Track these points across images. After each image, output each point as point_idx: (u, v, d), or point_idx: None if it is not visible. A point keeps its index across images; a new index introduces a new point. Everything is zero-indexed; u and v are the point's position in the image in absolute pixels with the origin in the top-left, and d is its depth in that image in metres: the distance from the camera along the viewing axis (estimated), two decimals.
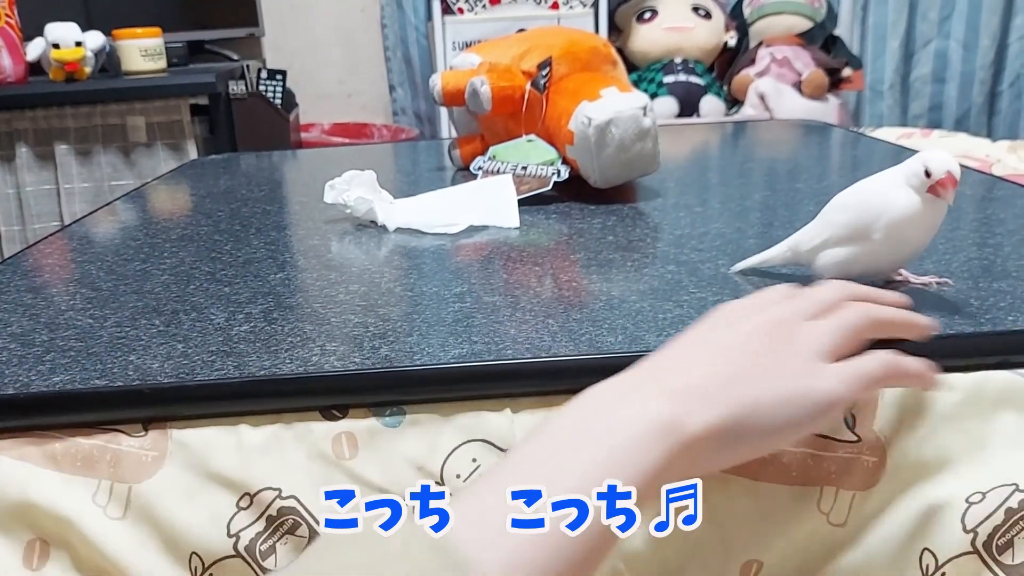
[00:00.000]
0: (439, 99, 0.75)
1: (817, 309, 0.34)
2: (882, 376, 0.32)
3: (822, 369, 0.31)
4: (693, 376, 0.30)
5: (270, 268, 0.54)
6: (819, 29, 1.80)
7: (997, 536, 0.35)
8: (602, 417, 0.28)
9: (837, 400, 0.31)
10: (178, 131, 1.47)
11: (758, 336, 0.32)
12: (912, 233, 0.40)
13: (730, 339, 0.32)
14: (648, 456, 0.27)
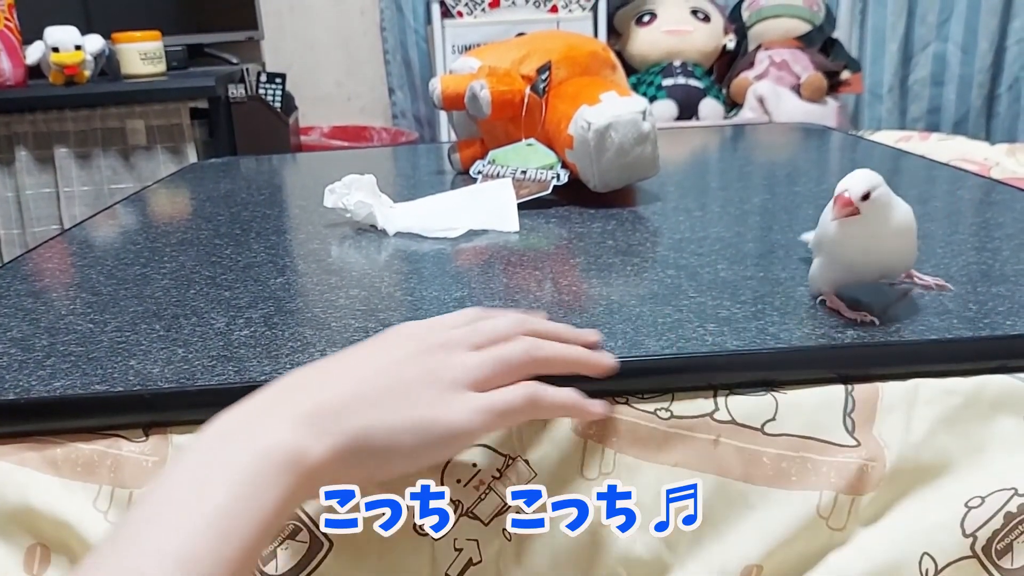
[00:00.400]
0: (439, 103, 0.75)
1: (484, 340, 0.34)
2: (522, 407, 0.33)
3: (455, 400, 0.32)
4: (322, 398, 0.30)
5: (270, 272, 0.54)
6: (818, 32, 1.80)
7: (996, 540, 0.35)
8: (227, 452, 0.28)
9: (461, 432, 0.32)
10: (178, 134, 1.47)
11: (408, 362, 0.32)
12: (840, 251, 0.41)
13: (379, 361, 0.32)
14: (272, 492, 0.27)
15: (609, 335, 0.41)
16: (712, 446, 0.36)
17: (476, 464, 0.36)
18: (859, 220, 0.38)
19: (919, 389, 0.37)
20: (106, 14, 1.73)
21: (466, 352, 0.33)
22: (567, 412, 0.35)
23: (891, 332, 0.40)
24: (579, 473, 0.36)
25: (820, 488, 0.36)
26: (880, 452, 0.36)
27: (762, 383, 0.37)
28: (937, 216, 0.62)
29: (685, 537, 0.36)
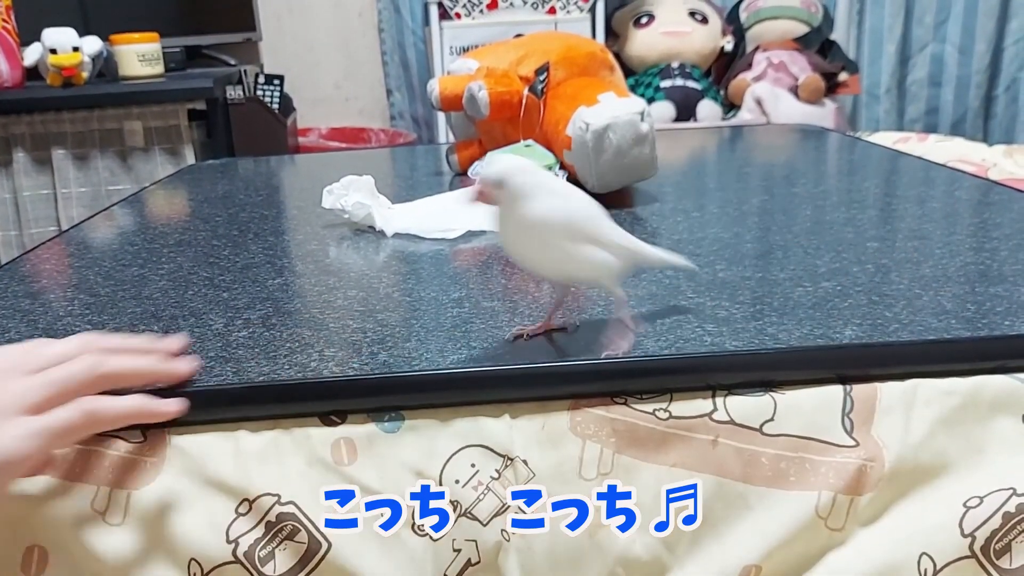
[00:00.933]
0: (437, 104, 0.75)
1: (44, 363, 0.33)
2: (80, 423, 0.33)
3: (4, 428, 0.31)
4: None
5: (268, 273, 0.54)
6: (815, 34, 1.80)
7: (995, 540, 0.35)
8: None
9: (11, 460, 0.31)
10: (175, 136, 1.47)
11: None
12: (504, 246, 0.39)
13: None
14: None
15: (608, 336, 0.41)
16: (711, 446, 0.36)
17: (475, 465, 0.36)
18: (499, 211, 0.37)
19: (918, 389, 0.37)
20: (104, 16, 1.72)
21: (20, 377, 0.33)
22: (135, 418, 0.35)
23: (890, 333, 0.40)
24: (578, 474, 0.36)
25: (819, 488, 0.36)
26: (879, 452, 0.36)
27: (761, 383, 0.37)
28: (935, 217, 0.62)
29: (684, 538, 0.36)
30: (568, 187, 0.40)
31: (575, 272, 0.40)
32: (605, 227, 0.39)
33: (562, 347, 0.40)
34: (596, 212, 0.40)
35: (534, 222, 0.37)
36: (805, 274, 0.49)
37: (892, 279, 0.47)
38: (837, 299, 0.44)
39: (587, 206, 0.39)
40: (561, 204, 0.38)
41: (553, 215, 0.37)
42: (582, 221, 0.38)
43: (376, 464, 0.36)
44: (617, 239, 0.40)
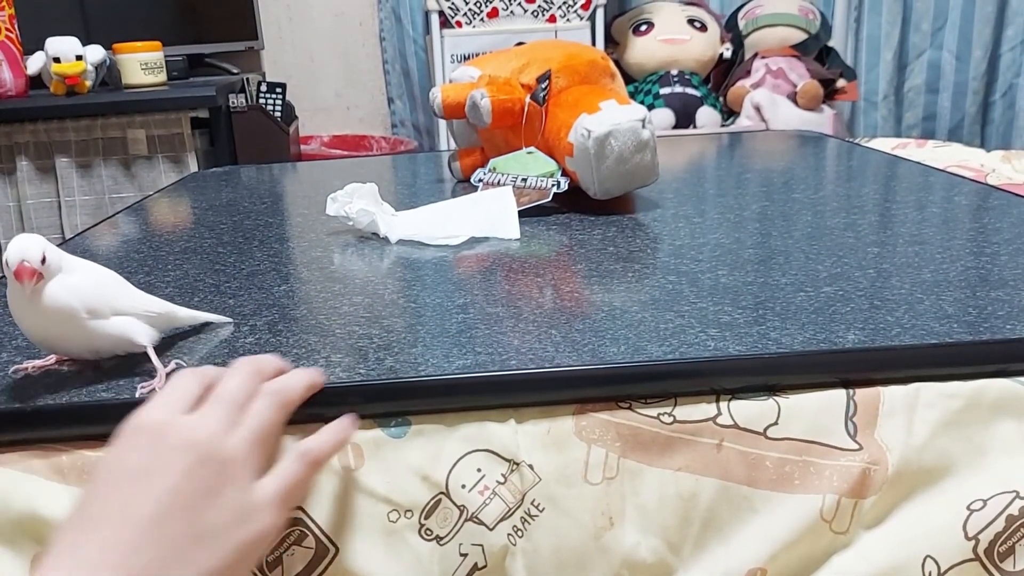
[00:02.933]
0: (439, 112, 0.76)
1: (234, 408, 0.32)
2: (309, 474, 0.33)
3: (253, 507, 0.30)
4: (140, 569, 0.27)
5: (274, 280, 0.54)
6: (813, 41, 1.81)
7: (998, 543, 0.35)
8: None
9: (269, 535, 0.31)
10: (179, 144, 1.47)
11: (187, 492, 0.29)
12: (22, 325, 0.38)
13: (154, 507, 0.28)
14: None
15: (612, 341, 0.41)
16: (715, 450, 0.36)
17: (481, 469, 0.37)
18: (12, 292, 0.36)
19: (920, 393, 0.37)
20: (107, 24, 1.74)
21: (230, 439, 0.31)
22: (340, 447, 0.35)
23: (892, 337, 0.40)
24: (583, 477, 0.37)
25: (823, 491, 0.36)
26: (882, 455, 0.37)
27: (764, 387, 0.38)
28: (935, 222, 0.62)
29: (689, 541, 0.36)
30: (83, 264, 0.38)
31: (108, 347, 0.39)
32: (126, 295, 0.40)
33: (567, 352, 0.40)
34: (114, 282, 0.40)
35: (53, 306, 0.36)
36: (807, 279, 0.49)
37: (893, 284, 0.48)
38: (839, 304, 0.45)
39: (104, 279, 0.39)
40: (77, 283, 0.37)
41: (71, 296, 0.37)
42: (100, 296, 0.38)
43: (383, 469, 0.37)
44: (142, 305, 0.40)
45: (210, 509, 0.30)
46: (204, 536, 0.29)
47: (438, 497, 0.36)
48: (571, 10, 1.76)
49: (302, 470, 0.33)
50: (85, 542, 0.28)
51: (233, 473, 0.31)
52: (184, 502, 0.29)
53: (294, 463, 0.33)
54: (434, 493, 0.36)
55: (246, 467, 0.31)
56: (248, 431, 0.32)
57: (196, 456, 0.30)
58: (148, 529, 0.29)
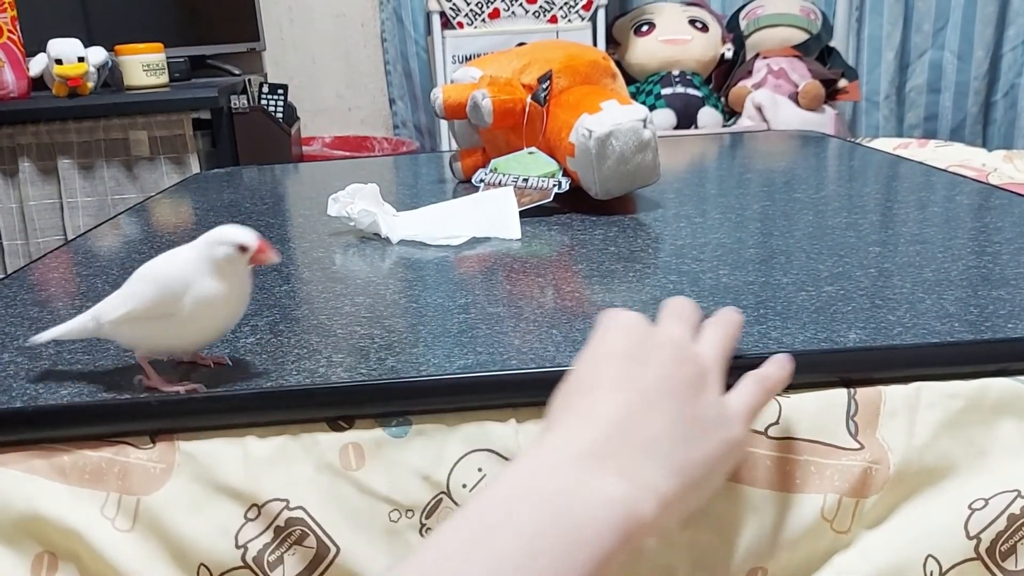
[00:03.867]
0: (441, 112, 0.76)
1: (689, 327, 0.33)
2: (765, 400, 0.33)
3: (728, 415, 0.31)
4: (638, 442, 0.29)
5: (275, 280, 0.54)
6: (815, 41, 1.81)
7: (1000, 542, 0.35)
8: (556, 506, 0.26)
9: (742, 444, 0.31)
10: (180, 145, 1.48)
11: (678, 383, 0.31)
12: (222, 309, 0.39)
13: (654, 383, 0.30)
14: (603, 546, 0.26)
15: None
16: None
17: (482, 469, 0.37)
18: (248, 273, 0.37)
19: (921, 392, 0.37)
20: (109, 26, 1.74)
21: (699, 351, 0.32)
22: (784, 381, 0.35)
23: (893, 336, 0.40)
24: None
25: (824, 491, 0.36)
26: (883, 455, 0.36)
27: None
28: (936, 221, 0.62)
29: (690, 540, 0.36)
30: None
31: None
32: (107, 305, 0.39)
33: (568, 352, 0.40)
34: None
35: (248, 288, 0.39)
36: (808, 279, 0.49)
37: (894, 283, 0.48)
38: (840, 303, 0.45)
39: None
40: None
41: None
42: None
43: (384, 469, 0.37)
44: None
45: (696, 403, 0.30)
46: (694, 423, 0.30)
47: (439, 497, 0.36)
48: (572, 11, 1.76)
49: (761, 394, 0.33)
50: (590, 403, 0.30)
51: (706, 380, 0.32)
52: (673, 388, 0.30)
53: (754, 385, 0.33)
54: (435, 493, 0.36)
55: (715, 377, 0.32)
56: (710, 347, 0.33)
57: (677, 354, 0.32)
58: (652, 399, 0.30)
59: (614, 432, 0.29)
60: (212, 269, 0.38)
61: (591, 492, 0.27)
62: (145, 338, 0.39)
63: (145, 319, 0.38)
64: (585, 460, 0.28)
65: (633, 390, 0.30)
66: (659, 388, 0.30)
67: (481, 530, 0.26)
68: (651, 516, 0.28)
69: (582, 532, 0.26)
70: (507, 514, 0.26)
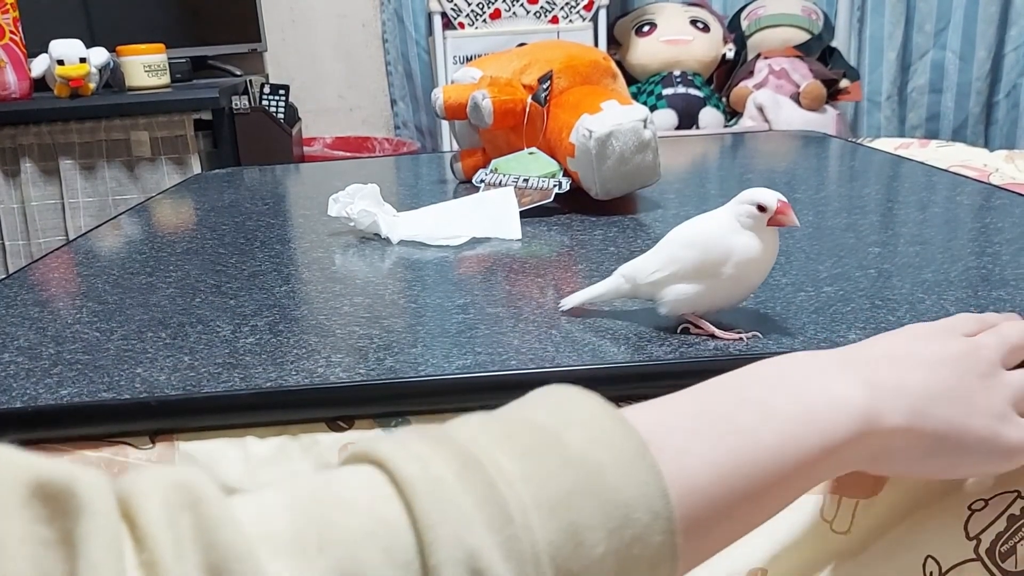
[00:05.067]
0: (441, 113, 0.76)
1: (1008, 354, 0.33)
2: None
3: (1012, 419, 0.31)
4: (900, 375, 0.30)
5: (275, 281, 0.54)
6: (816, 41, 1.81)
7: (1000, 543, 0.35)
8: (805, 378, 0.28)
9: (1015, 453, 0.31)
10: (182, 146, 1.48)
11: (963, 361, 0.31)
12: (758, 269, 0.41)
13: (937, 354, 0.31)
14: (839, 428, 0.27)
15: (612, 341, 0.41)
16: None
17: None
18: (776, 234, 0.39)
19: None
20: (111, 27, 1.74)
21: (1004, 368, 0.32)
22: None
23: None
24: None
25: (824, 492, 0.36)
26: None
27: None
28: (937, 222, 0.62)
29: None
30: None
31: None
32: None
33: (567, 353, 0.40)
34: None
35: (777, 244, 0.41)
36: (807, 279, 0.49)
37: (894, 284, 0.47)
38: (839, 304, 0.45)
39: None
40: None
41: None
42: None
43: None
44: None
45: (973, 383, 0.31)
46: (961, 396, 0.30)
47: None
48: (573, 11, 1.76)
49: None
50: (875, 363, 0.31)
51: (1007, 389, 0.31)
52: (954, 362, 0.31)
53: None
54: None
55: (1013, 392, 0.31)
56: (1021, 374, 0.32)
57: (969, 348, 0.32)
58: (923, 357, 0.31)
59: (872, 353, 0.30)
60: (742, 229, 0.39)
61: (833, 384, 0.28)
62: (686, 298, 0.41)
63: (685, 280, 0.41)
64: (835, 363, 0.29)
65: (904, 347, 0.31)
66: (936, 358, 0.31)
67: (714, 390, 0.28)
68: (888, 425, 0.28)
69: (816, 414, 0.27)
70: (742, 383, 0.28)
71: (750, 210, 0.39)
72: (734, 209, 0.40)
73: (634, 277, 0.42)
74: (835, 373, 0.29)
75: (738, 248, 0.39)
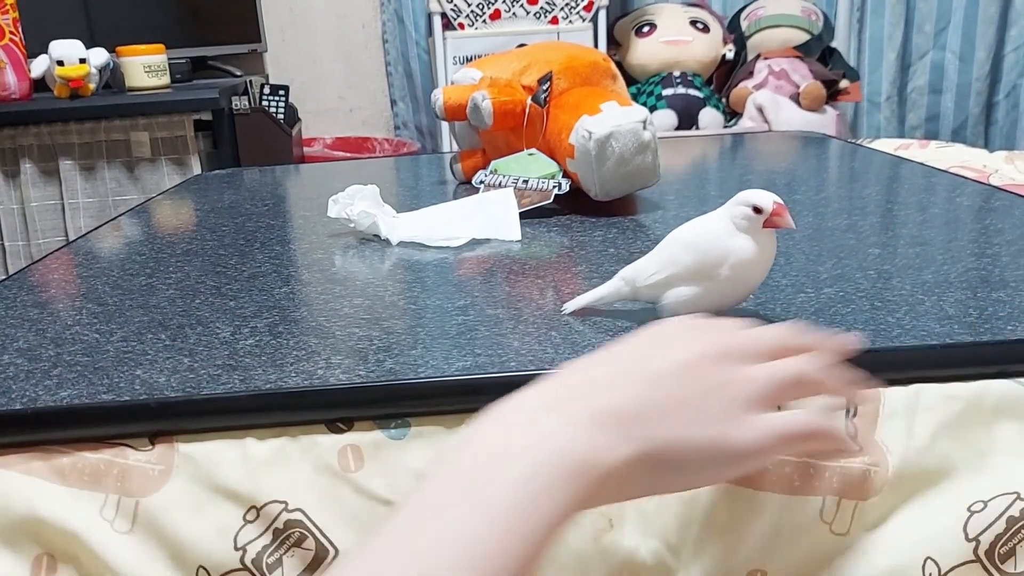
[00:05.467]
0: (441, 114, 0.76)
1: (764, 351, 0.32)
2: (801, 438, 0.31)
3: (744, 420, 0.30)
4: (619, 400, 0.28)
5: (275, 282, 0.54)
6: (816, 42, 1.81)
7: (999, 545, 0.35)
8: (512, 452, 0.26)
9: (750, 454, 0.30)
10: (182, 146, 1.48)
11: (691, 370, 0.30)
12: (755, 270, 0.40)
13: (661, 367, 0.30)
14: (560, 496, 0.26)
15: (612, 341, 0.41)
16: None
17: None
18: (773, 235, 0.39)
19: (921, 394, 0.37)
20: (111, 28, 1.74)
21: (750, 364, 0.31)
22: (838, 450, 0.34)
23: (892, 338, 0.40)
24: None
25: (823, 493, 0.36)
26: (883, 457, 0.36)
27: None
28: (937, 223, 0.62)
29: (689, 543, 0.36)
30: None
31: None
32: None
33: (567, 354, 0.40)
34: None
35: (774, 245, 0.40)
36: (807, 280, 0.49)
37: (894, 285, 0.47)
38: (839, 305, 0.45)
39: None
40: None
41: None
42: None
43: (383, 471, 0.37)
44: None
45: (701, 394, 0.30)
46: (688, 406, 0.29)
47: None
48: (573, 12, 1.76)
49: (798, 429, 0.30)
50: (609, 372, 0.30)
51: (739, 386, 0.30)
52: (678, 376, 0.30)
53: (803, 417, 0.31)
54: None
55: (752, 389, 0.30)
56: (762, 372, 0.31)
57: (716, 350, 0.31)
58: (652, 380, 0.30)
59: (588, 379, 0.30)
60: (738, 231, 0.39)
61: (544, 445, 0.27)
62: (685, 300, 0.41)
63: (684, 282, 0.40)
64: (545, 408, 0.28)
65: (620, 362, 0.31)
66: (657, 371, 0.30)
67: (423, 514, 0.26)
68: (609, 463, 0.27)
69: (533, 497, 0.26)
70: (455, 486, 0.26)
71: (746, 212, 0.39)
72: (730, 211, 0.40)
73: (634, 280, 0.42)
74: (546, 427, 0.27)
75: (735, 250, 0.39)
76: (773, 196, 0.39)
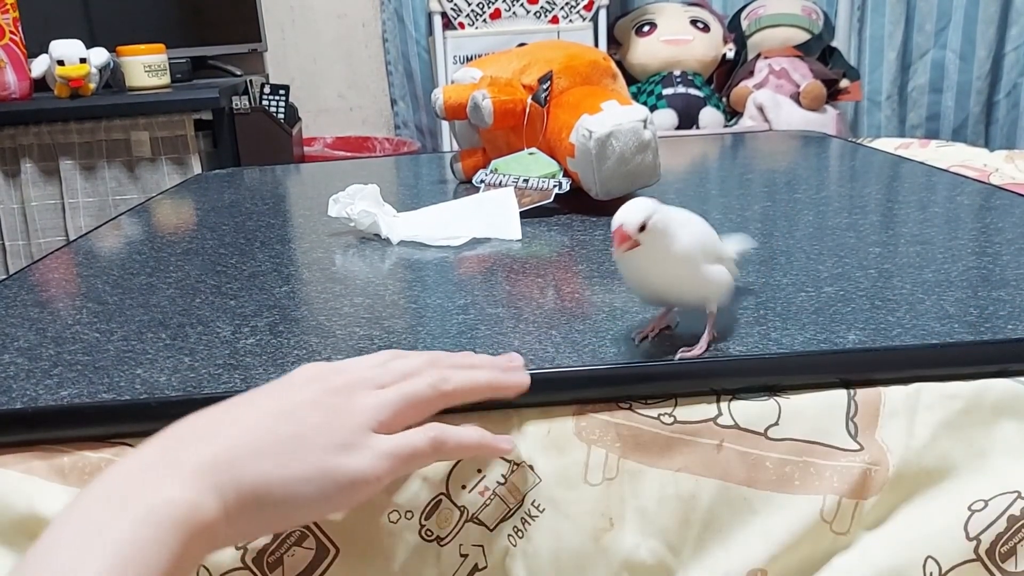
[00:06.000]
0: (441, 113, 0.76)
1: (391, 378, 0.33)
2: (426, 451, 0.32)
3: (358, 445, 0.31)
4: (214, 448, 0.29)
5: (275, 281, 0.54)
6: (816, 41, 1.81)
7: (1000, 543, 0.35)
8: (114, 512, 0.27)
9: (363, 480, 0.30)
10: (182, 146, 1.48)
11: (309, 405, 0.31)
12: (629, 284, 0.41)
13: (279, 406, 0.31)
14: (163, 552, 0.26)
15: (612, 341, 0.41)
16: (715, 451, 0.36)
17: (481, 470, 0.37)
18: (640, 251, 0.38)
19: (921, 393, 0.37)
20: (111, 27, 1.74)
21: (370, 392, 0.32)
22: (474, 452, 0.35)
23: (893, 337, 0.40)
24: (583, 479, 0.37)
25: (823, 492, 0.36)
26: (883, 456, 0.36)
27: (764, 388, 0.38)
28: (937, 222, 0.62)
29: (689, 542, 0.36)
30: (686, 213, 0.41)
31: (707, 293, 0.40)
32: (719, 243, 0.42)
33: (567, 353, 0.40)
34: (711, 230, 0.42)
35: (681, 253, 0.39)
36: (808, 279, 0.49)
37: (894, 284, 0.47)
38: (840, 304, 0.45)
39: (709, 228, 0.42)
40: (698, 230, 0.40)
41: (692, 242, 0.39)
42: (712, 244, 0.41)
43: None
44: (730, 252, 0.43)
45: (320, 424, 0.31)
46: (291, 441, 0.30)
47: (438, 498, 0.36)
48: (574, 11, 1.76)
49: (422, 443, 0.32)
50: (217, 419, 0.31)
51: (355, 415, 0.31)
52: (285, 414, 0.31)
53: (418, 434, 0.33)
54: (434, 494, 0.36)
55: (367, 415, 0.32)
56: (385, 394, 0.33)
57: (328, 386, 0.32)
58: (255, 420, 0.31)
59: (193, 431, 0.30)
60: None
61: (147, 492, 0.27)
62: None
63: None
64: (157, 468, 0.28)
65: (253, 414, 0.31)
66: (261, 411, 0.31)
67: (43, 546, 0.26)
68: (211, 517, 0.27)
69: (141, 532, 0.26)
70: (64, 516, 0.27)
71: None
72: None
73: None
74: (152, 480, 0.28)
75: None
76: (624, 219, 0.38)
